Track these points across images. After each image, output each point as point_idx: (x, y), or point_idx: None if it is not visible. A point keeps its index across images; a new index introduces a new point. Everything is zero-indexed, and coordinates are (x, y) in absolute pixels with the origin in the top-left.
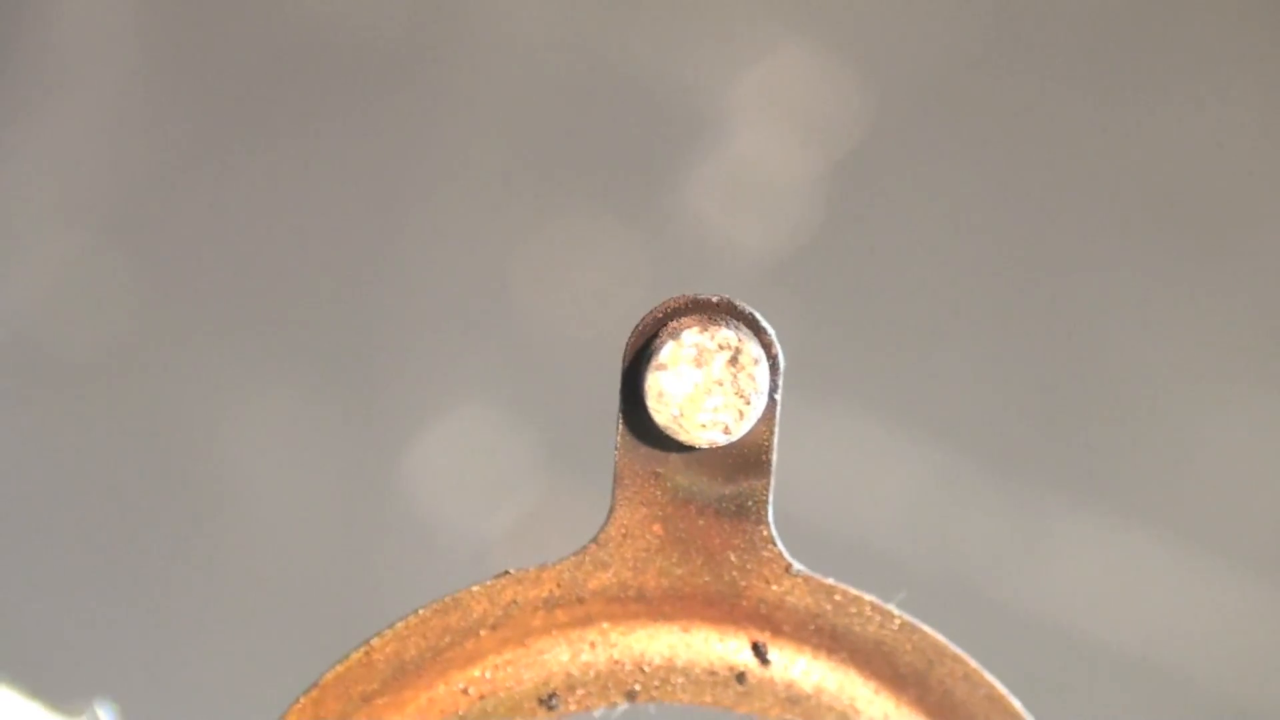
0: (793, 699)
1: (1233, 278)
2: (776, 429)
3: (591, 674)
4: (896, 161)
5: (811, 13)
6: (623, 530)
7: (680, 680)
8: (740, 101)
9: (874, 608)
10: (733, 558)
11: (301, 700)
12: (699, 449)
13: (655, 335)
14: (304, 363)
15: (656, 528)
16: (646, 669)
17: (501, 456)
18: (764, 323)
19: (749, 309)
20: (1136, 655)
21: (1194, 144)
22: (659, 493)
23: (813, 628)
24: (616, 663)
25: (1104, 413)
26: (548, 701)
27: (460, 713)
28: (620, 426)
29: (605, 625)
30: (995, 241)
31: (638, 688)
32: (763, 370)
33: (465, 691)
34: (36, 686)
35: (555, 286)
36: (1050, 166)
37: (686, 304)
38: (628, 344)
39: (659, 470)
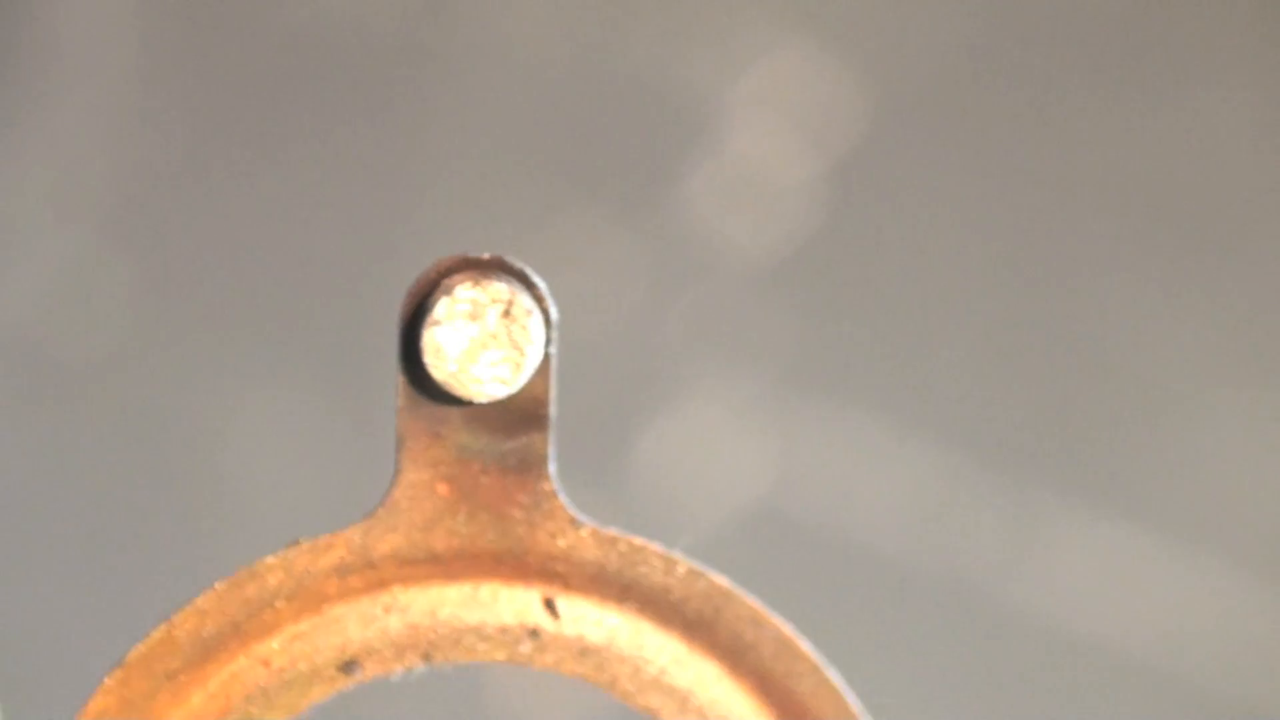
0: (585, 652)
1: (1233, 278)
2: (554, 383)
3: (387, 638)
4: (897, 162)
5: (811, 13)
6: (409, 492)
7: (474, 639)
8: (740, 101)
9: (659, 556)
10: (518, 514)
11: (107, 680)
12: (478, 404)
13: (429, 294)
14: (304, 363)
15: (442, 487)
16: (441, 630)
17: None
18: (535, 278)
19: (520, 265)
20: (1136, 655)
21: (1195, 145)
22: (442, 452)
23: (601, 579)
24: (411, 626)
25: (1104, 412)
26: (347, 668)
27: (262, 685)
28: (400, 387)
29: (397, 589)
30: (996, 241)
31: (432, 649)
32: (536, 322)
33: (265, 663)
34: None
35: (555, 286)
36: (1051, 167)
37: (459, 262)
38: (403, 304)
39: (441, 430)
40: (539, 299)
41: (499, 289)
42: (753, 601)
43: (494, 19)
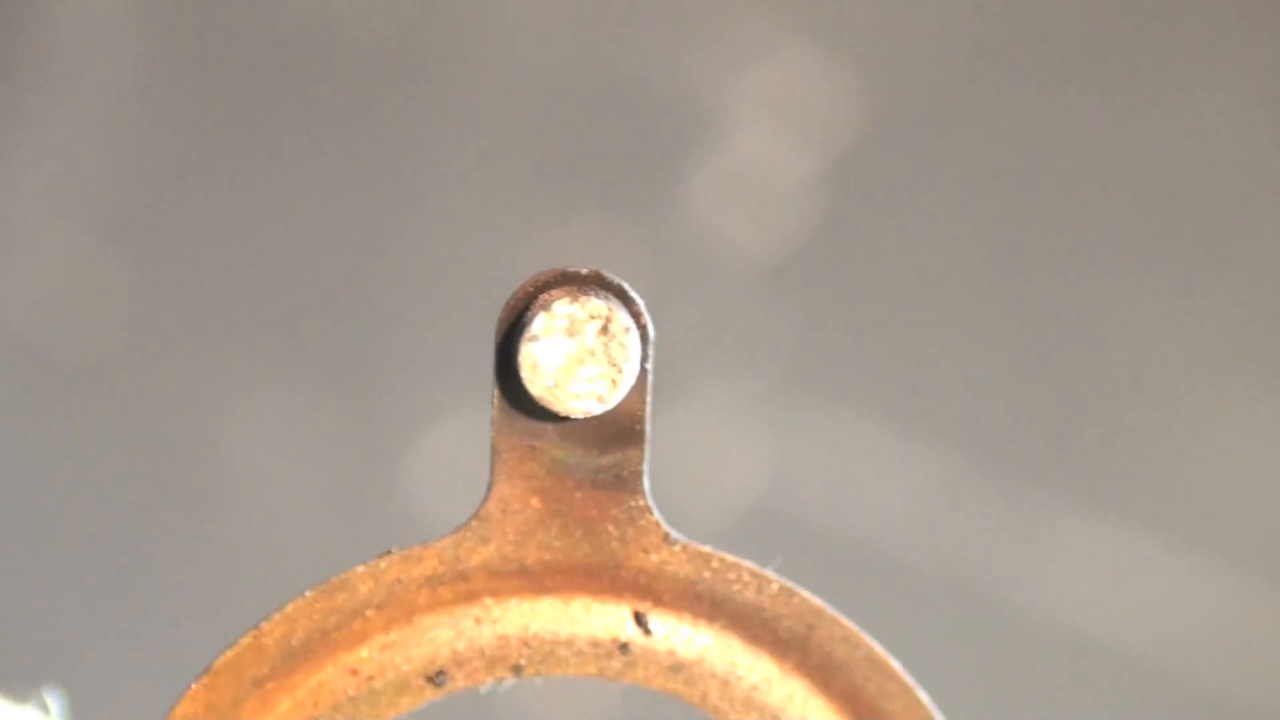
0: (675, 667)
1: (1232, 279)
2: (649, 399)
3: (477, 650)
4: (897, 163)
5: (811, 14)
6: (502, 505)
7: (564, 653)
8: (740, 103)
9: (751, 574)
10: (611, 529)
11: (194, 686)
12: (574, 420)
13: (527, 308)
14: (304, 363)
15: (535, 501)
16: (531, 643)
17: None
18: (633, 293)
19: (618, 280)
20: (1136, 655)
21: (1195, 146)
22: (536, 466)
23: (693, 596)
24: (501, 638)
25: (1103, 412)
26: (435, 679)
27: (350, 694)
28: (495, 400)
29: (489, 601)
30: (995, 241)
31: (523, 662)
32: (634, 339)
33: (354, 672)
34: (35, 687)
35: None
36: (1050, 168)
37: (556, 277)
38: (500, 318)
39: (535, 443)
40: (636, 315)
41: (597, 305)
42: (845, 621)
43: (495, 20)
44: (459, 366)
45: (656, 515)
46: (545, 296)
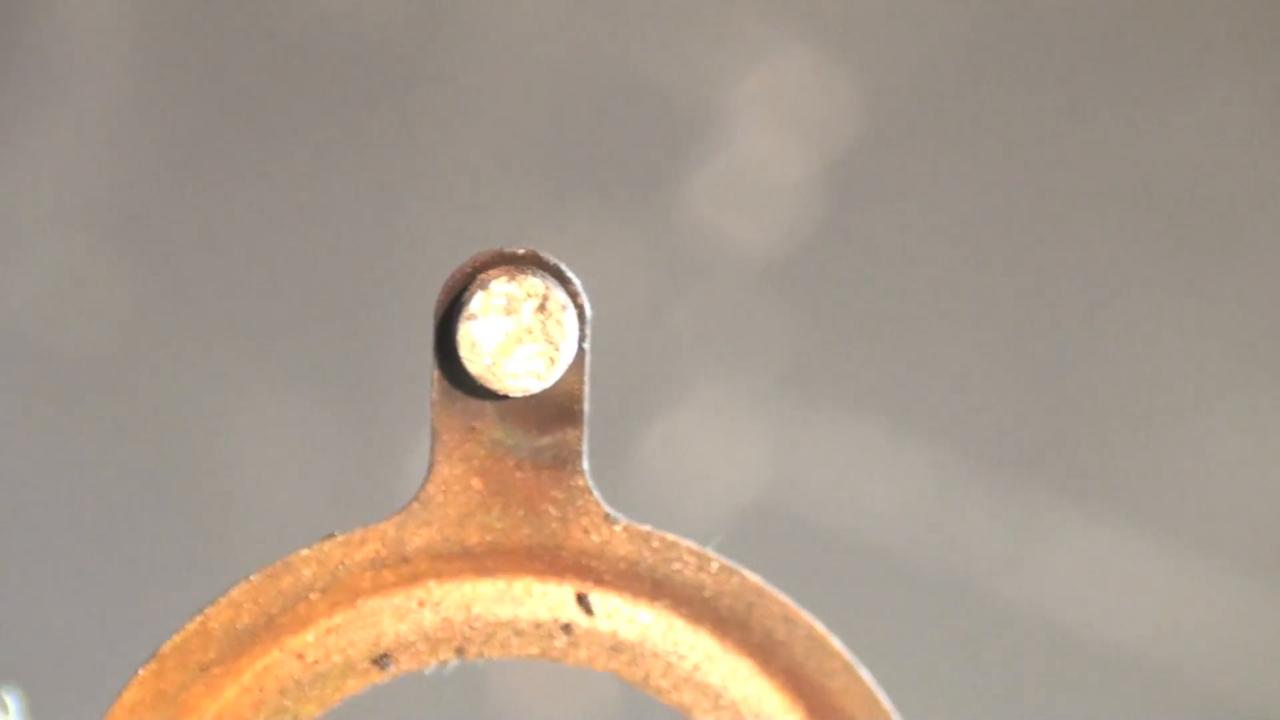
0: (618, 648)
1: (1231, 279)
2: (587, 378)
3: (421, 632)
4: (896, 163)
5: (810, 15)
6: (443, 486)
7: (508, 634)
8: (740, 103)
9: (692, 552)
10: (552, 509)
11: (141, 672)
12: (513, 399)
13: (465, 288)
14: (304, 363)
15: (476, 482)
16: (474, 625)
17: None
18: (569, 273)
19: (554, 260)
20: (1136, 655)
21: (1193, 146)
22: (476, 447)
23: (634, 576)
24: (445, 620)
25: (1101, 411)
26: (380, 662)
27: (296, 678)
28: (435, 382)
29: (431, 583)
30: (994, 242)
31: (466, 644)
32: (571, 317)
33: (300, 656)
34: (36, 687)
35: None
36: (1050, 168)
37: (495, 257)
38: (439, 298)
39: (475, 424)
40: (574, 294)
41: (534, 284)
42: (785, 599)
43: (494, 21)
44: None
45: (596, 495)
46: (483, 276)
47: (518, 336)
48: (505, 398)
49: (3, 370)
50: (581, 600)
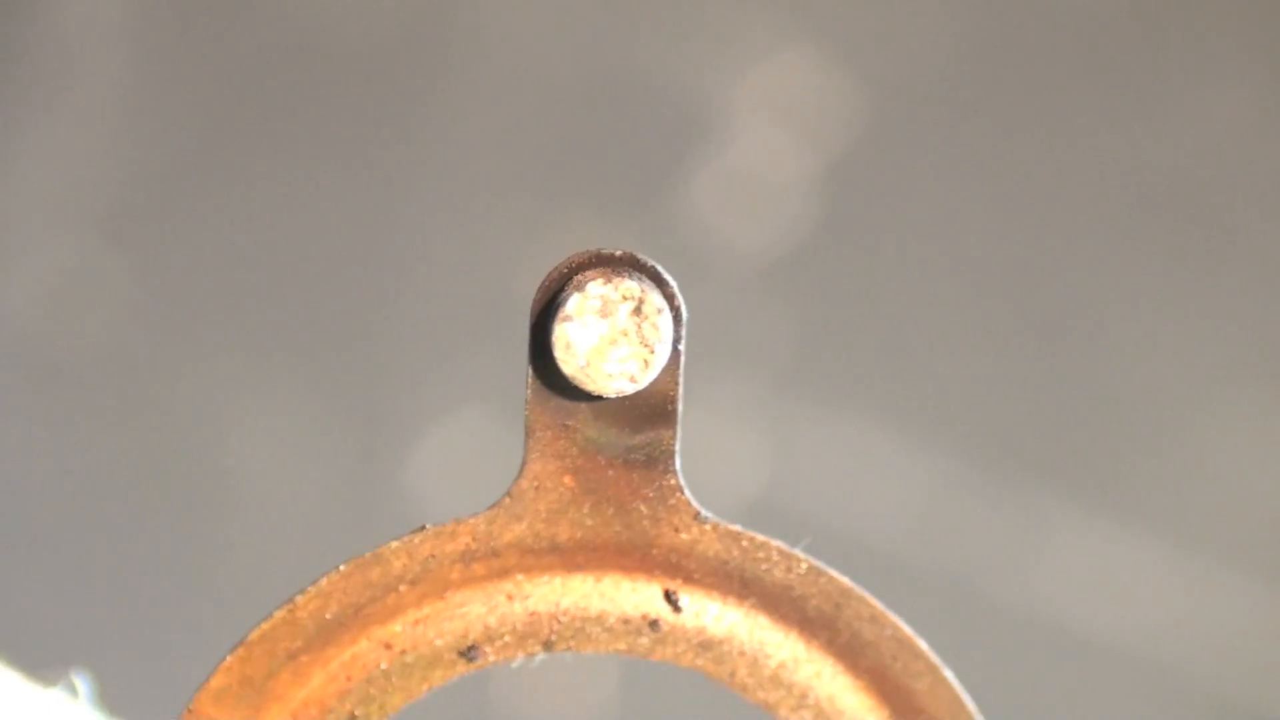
0: (705, 645)
1: (1231, 279)
2: (681, 379)
3: (509, 625)
4: (896, 163)
5: (811, 15)
6: (535, 482)
7: (595, 629)
8: (740, 103)
9: (780, 553)
10: (643, 507)
11: (229, 659)
12: (607, 399)
13: (561, 289)
14: (305, 363)
15: (568, 479)
16: (562, 619)
17: (504, 458)
18: (666, 275)
19: (651, 262)
20: (1136, 655)
21: (1194, 146)
22: (569, 445)
23: (722, 574)
24: (533, 614)
25: (1101, 411)
26: (467, 654)
27: (383, 667)
28: (529, 380)
29: (520, 577)
30: (994, 242)
31: (554, 638)
32: (666, 320)
33: (387, 646)
34: (62, 671)
35: None
36: (1050, 168)
37: (591, 258)
38: (535, 299)
39: (568, 422)
40: (669, 296)
41: (630, 286)
42: (872, 600)
43: (494, 22)
44: (463, 364)
45: (687, 494)
46: (579, 278)
47: (612, 339)
48: (599, 398)
49: (3, 370)
50: (669, 597)
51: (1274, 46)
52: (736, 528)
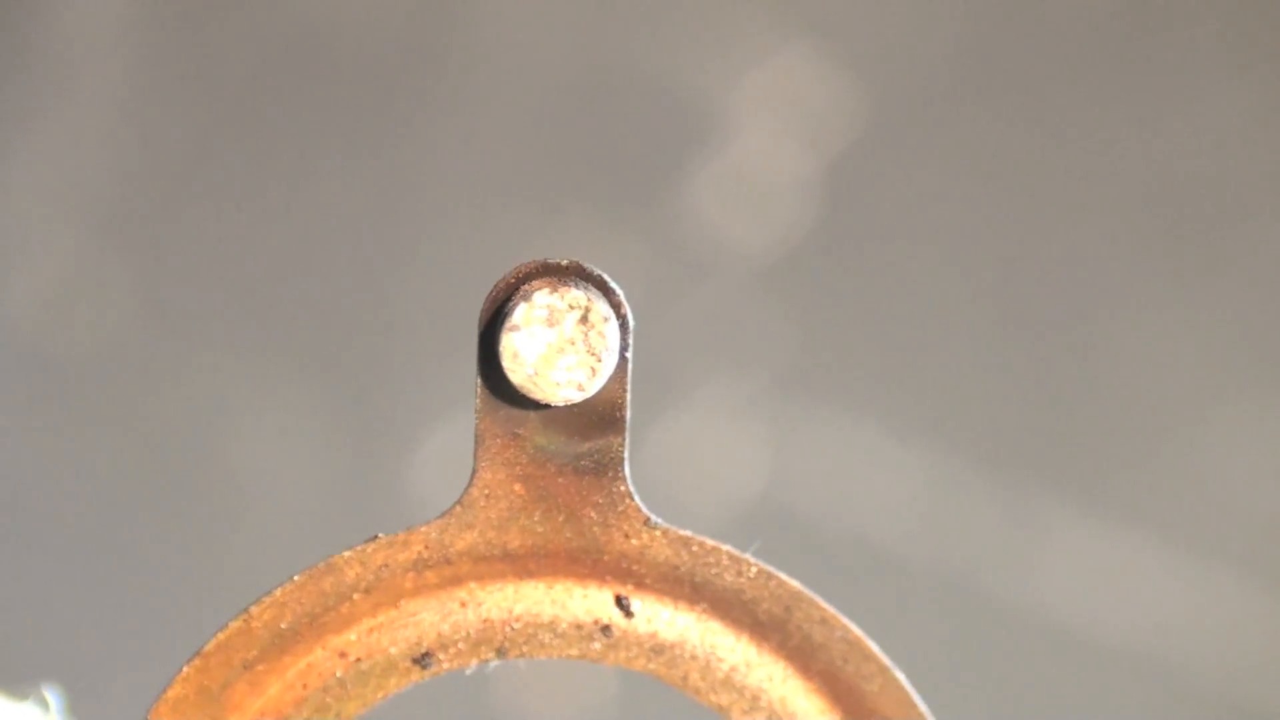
0: (657, 649)
1: (1230, 279)
2: (629, 387)
3: (462, 632)
4: (895, 163)
5: (811, 15)
6: (485, 491)
7: (548, 635)
8: (740, 103)
9: (730, 557)
10: (593, 514)
11: (185, 669)
12: (556, 407)
13: (508, 299)
14: (305, 364)
15: (518, 487)
16: (515, 625)
17: None
18: (613, 284)
19: (598, 271)
20: (1135, 655)
21: (1194, 147)
22: (519, 453)
23: (673, 579)
24: (486, 620)
25: (1100, 411)
26: (421, 661)
27: (338, 675)
28: (479, 389)
29: (473, 585)
30: (993, 243)
31: (507, 644)
32: (613, 328)
33: (342, 655)
34: (35, 684)
35: None
36: (1050, 169)
37: (538, 268)
38: (482, 308)
39: (518, 431)
40: (616, 305)
41: (576, 295)
42: (823, 603)
43: (495, 22)
44: (463, 364)
45: (637, 500)
46: (526, 287)
47: (559, 347)
48: (548, 406)
49: (3, 370)
50: (621, 602)
51: (1274, 46)
52: (686, 533)
